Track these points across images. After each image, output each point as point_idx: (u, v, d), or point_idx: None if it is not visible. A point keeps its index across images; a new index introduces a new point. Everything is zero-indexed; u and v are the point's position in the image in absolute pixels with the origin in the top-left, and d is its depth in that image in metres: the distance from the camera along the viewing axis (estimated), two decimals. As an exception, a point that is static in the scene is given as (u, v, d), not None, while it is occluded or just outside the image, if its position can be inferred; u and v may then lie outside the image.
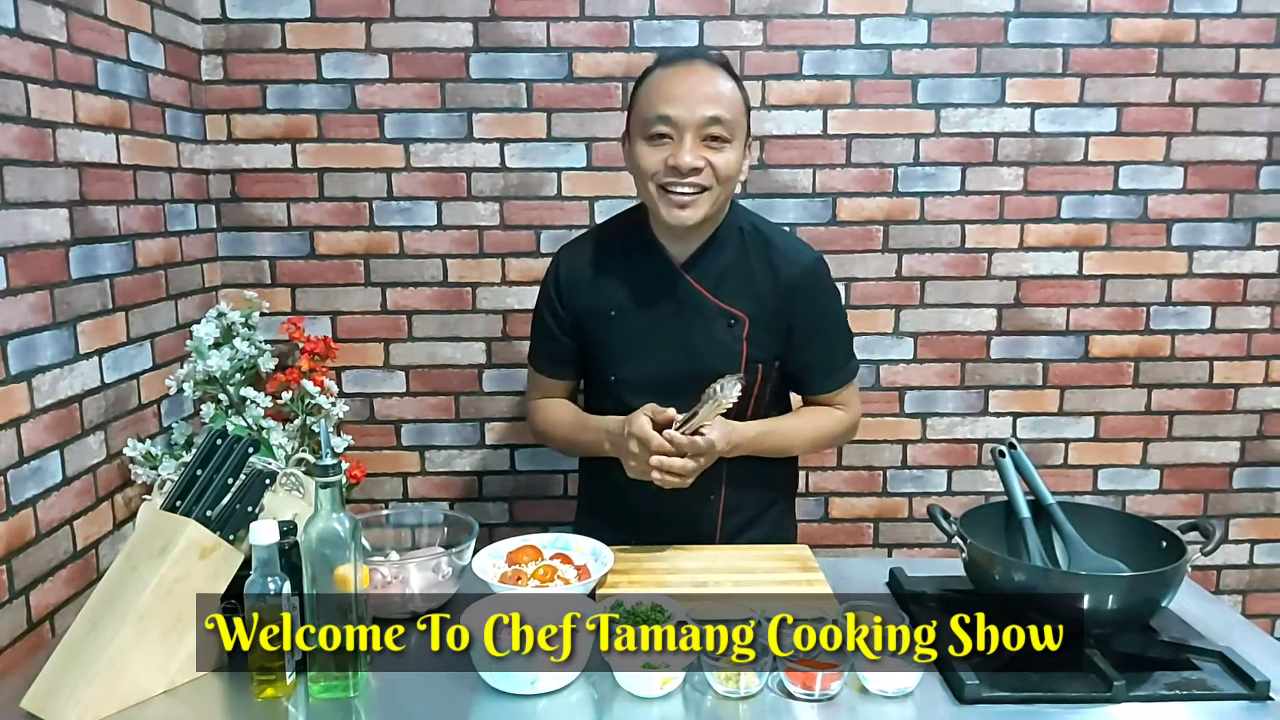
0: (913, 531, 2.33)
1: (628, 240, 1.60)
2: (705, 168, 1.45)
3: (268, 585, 1.12)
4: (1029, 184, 2.19)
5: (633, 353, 1.58)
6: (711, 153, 1.45)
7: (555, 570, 1.39)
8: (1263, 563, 2.35)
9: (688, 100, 1.44)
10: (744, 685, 1.12)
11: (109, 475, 1.66)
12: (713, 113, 1.44)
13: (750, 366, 1.56)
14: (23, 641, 1.42)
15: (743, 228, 1.59)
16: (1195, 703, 1.13)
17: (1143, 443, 2.30)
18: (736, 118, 1.47)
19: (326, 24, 2.10)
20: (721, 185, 1.47)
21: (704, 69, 1.48)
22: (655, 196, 1.48)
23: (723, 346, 1.56)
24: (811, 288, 1.59)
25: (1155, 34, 2.14)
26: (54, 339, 1.51)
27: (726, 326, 1.56)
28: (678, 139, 1.44)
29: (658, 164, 1.46)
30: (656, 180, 1.47)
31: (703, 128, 1.44)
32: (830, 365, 1.66)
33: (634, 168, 1.52)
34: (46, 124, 1.50)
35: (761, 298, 1.56)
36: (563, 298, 1.62)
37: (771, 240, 1.59)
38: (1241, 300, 2.24)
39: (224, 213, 2.15)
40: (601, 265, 1.61)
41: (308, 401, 1.91)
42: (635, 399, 1.52)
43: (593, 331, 1.61)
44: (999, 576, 1.25)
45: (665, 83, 1.46)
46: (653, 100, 1.46)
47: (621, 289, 1.58)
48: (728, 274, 1.56)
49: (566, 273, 1.62)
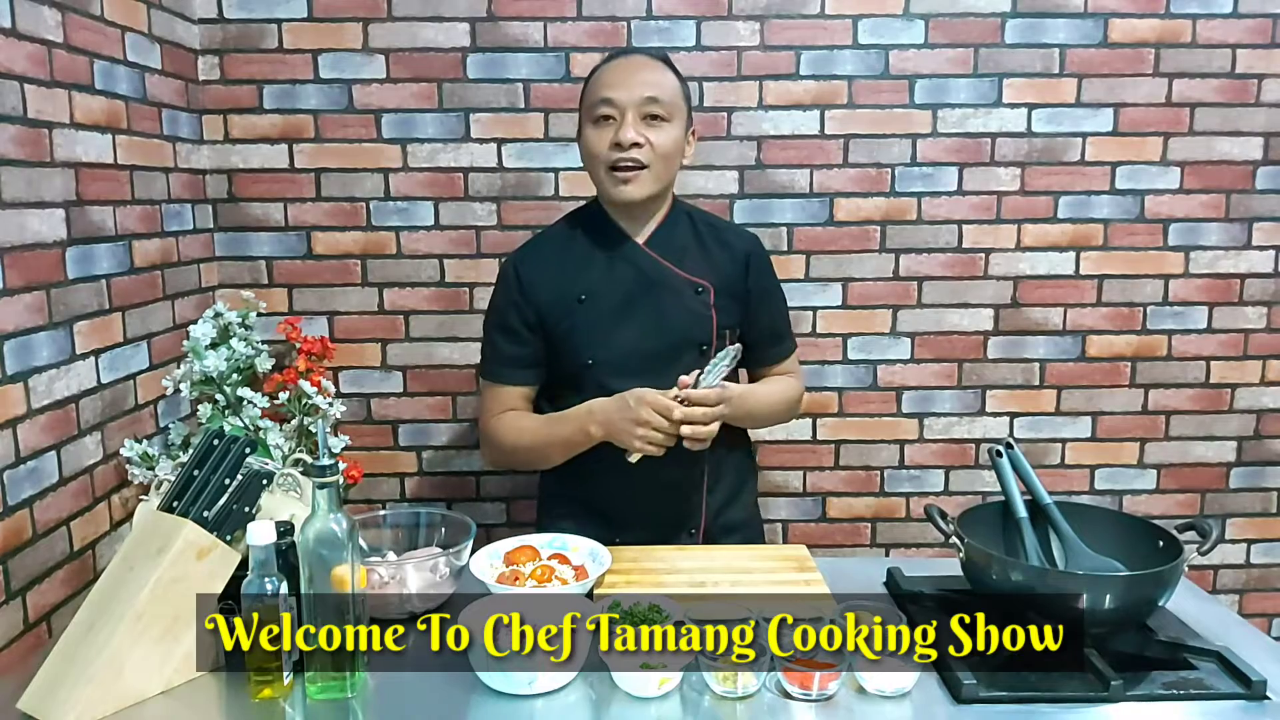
0: (910, 531, 2.33)
1: (588, 228, 1.69)
2: (645, 145, 1.56)
3: (265, 586, 1.12)
4: (1026, 184, 2.20)
5: (607, 333, 1.62)
6: (651, 130, 1.57)
7: (553, 570, 1.39)
8: (1259, 562, 2.35)
9: (627, 83, 1.57)
10: (742, 685, 1.12)
11: (106, 476, 1.66)
12: (650, 93, 1.56)
13: (720, 333, 1.65)
14: (20, 642, 1.41)
15: (689, 213, 1.72)
16: (1192, 702, 1.13)
17: (1140, 442, 2.30)
18: (674, 100, 1.59)
19: (323, 24, 2.10)
20: (662, 161, 1.58)
21: (641, 59, 1.62)
22: (604, 177, 1.59)
23: (694, 314, 1.63)
24: (761, 258, 1.73)
25: (1152, 34, 2.14)
26: (50, 339, 1.51)
27: (695, 294, 1.64)
28: (620, 119, 1.56)
29: (604, 144, 1.57)
30: (604, 160, 1.58)
31: (641, 106, 1.56)
32: (782, 332, 1.78)
33: (585, 154, 1.63)
34: (43, 124, 1.50)
35: (721, 269, 1.67)
36: (525, 294, 1.65)
37: (714, 221, 1.74)
38: (1238, 300, 2.25)
39: (221, 213, 2.15)
40: (563, 256, 1.67)
41: (305, 402, 1.91)
42: (615, 381, 1.57)
43: (562, 321, 1.63)
44: (996, 576, 1.25)
45: (607, 73, 1.61)
46: (596, 89, 1.60)
47: (588, 273, 1.64)
48: (686, 249, 1.66)
49: (526, 271, 1.67)
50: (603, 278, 1.63)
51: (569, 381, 1.66)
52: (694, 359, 1.61)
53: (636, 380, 1.55)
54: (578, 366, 1.63)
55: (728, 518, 1.71)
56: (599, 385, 1.60)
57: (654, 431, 1.48)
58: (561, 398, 1.67)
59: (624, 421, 1.50)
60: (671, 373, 1.53)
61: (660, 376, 1.54)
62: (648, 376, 1.55)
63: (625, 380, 1.56)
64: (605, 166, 1.58)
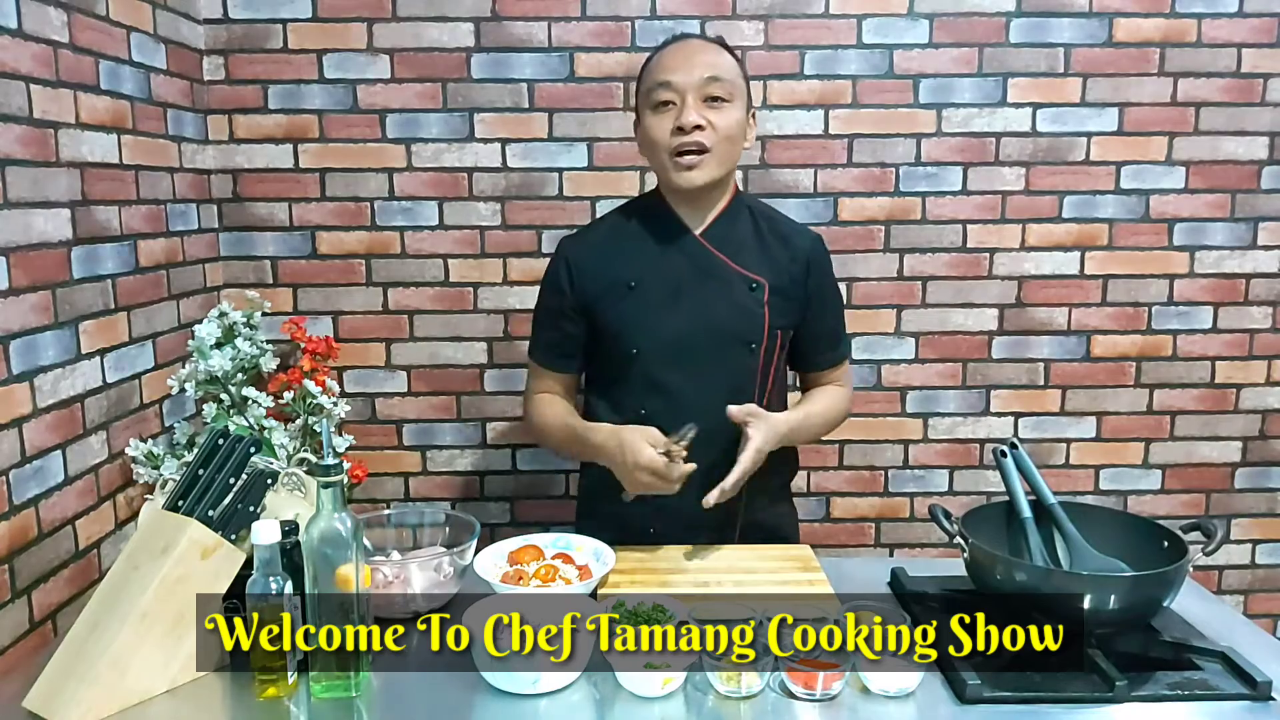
0: (914, 531, 2.32)
1: (643, 217, 1.65)
2: (708, 127, 1.51)
3: (269, 585, 1.12)
4: (1030, 184, 2.19)
5: (655, 322, 1.58)
6: (713, 113, 1.52)
7: (557, 570, 1.38)
8: (1264, 563, 2.35)
9: (686, 66, 1.52)
10: (746, 685, 1.12)
11: (111, 475, 1.67)
12: (710, 73, 1.52)
13: (771, 333, 1.60)
14: (25, 641, 1.42)
15: (750, 206, 1.66)
16: (1197, 703, 1.13)
17: (1144, 443, 2.30)
18: (734, 80, 1.55)
19: (328, 24, 2.10)
20: (726, 143, 1.53)
21: (698, 42, 1.58)
22: (667, 164, 1.54)
23: (745, 310, 1.58)
24: (823, 259, 1.67)
25: (1157, 34, 2.14)
26: (56, 339, 1.51)
27: (748, 290, 1.59)
28: (680, 102, 1.52)
29: (665, 130, 1.53)
30: (666, 147, 1.53)
31: (702, 88, 1.51)
32: (839, 335, 1.73)
33: (645, 142, 1.58)
34: (49, 124, 1.50)
35: (779, 266, 1.61)
36: (574, 281, 1.62)
37: (776, 217, 1.68)
38: (1243, 300, 2.24)
39: (226, 213, 2.15)
40: (616, 243, 1.63)
41: (309, 401, 1.91)
42: (660, 372, 1.56)
43: (611, 308, 1.60)
44: (1000, 576, 1.25)
45: (665, 58, 1.56)
46: (654, 74, 1.55)
47: (640, 261, 1.61)
48: (744, 243, 1.61)
49: (576, 257, 1.63)
50: (654, 266, 1.59)
51: (614, 371, 1.63)
52: (742, 357, 1.58)
53: (681, 373, 1.54)
54: (623, 356, 1.59)
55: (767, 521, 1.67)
56: (644, 376, 1.58)
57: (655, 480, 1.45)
58: (607, 389, 1.65)
59: (626, 477, 1.48)
60: (718, 369, 1.51)
61: (705, 371, 1.52)
62: (692, 370, 1.53)
63: (670, 372, 1.54)
64: (668, 153, 1.53)
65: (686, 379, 1.56)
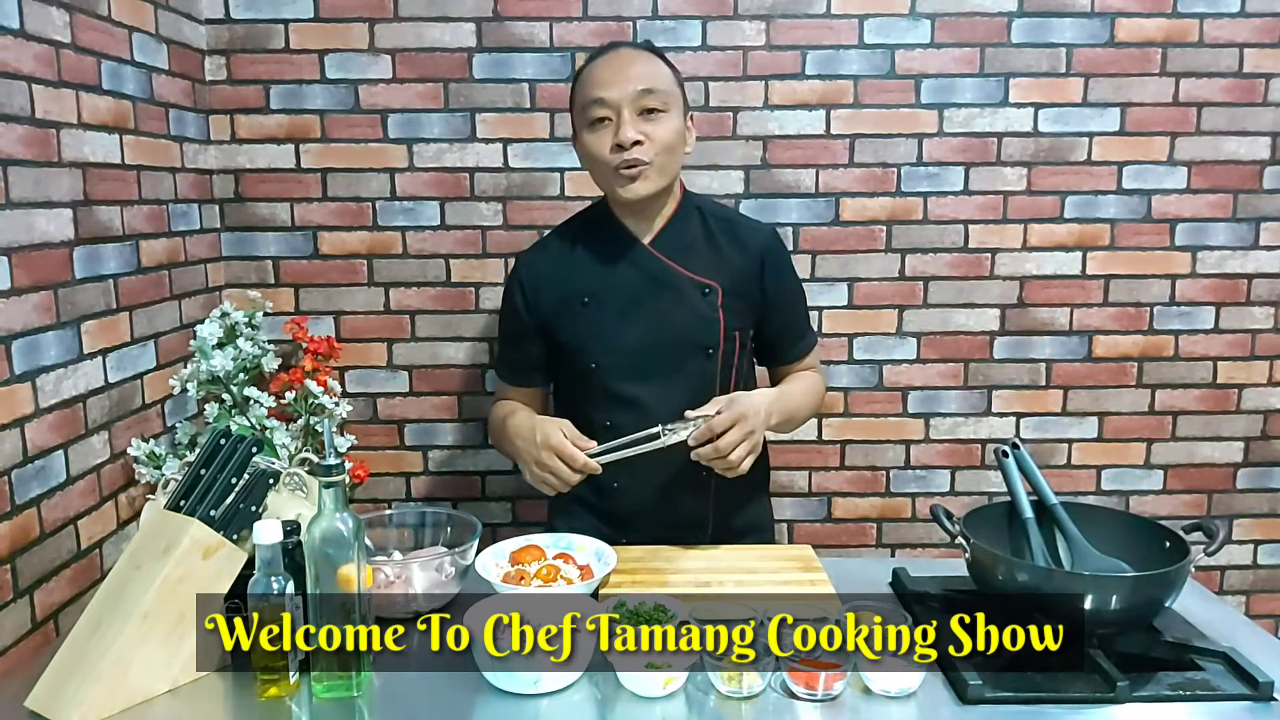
0: (916, 532, 2.32)
1: (592, 231, 1.65)
2: (646, 141, 1.51)
3: (271, 585, 1.12)
4: (1032, 184, 2.19)
5: (611, 336, 1.60)
6: (650, 125, 1.52)
7: (558, 570, 1.39)
8: (1266, 563, 2.34)
9: (619, 80, 1.51)
10: (747, 685, 1.12)
11: (113, 475, 1.67)
12: (643, 85, 1.51)
13: (729, 335, 1.61)
14: (27, 641, 1.42)
15: (700, 207, 1.66)
16: (1199, 703, 1.13)
17: (1146, 443, 2.29)
18: (669, 89, 1.54)
19: (330, 24, 2.10)
20: (666, 154, 1.53)
21: (629, 52, 1.56)
22: (610, 178, 1.55)
23: (700, 316, 1.59)
24: (778, 253, 1.67)
25: (1159, 34, 2.13)
26: (58, 339, 1.51)
27: (701, 295, 1.59)
28: (616, 118, 1.51)
29: (604, 148, 1.53)
30: (607, 164, 1.53)
31: (636, 101, 1.51)
32: (802, 329, 1.74)
33: (586, 159, 1.59)
34: (50, 124, 1.50)
35: (733, 267, 1.62)
36: (528, 298, 1.64)
37: (729, 217, 1.68)
38: (1245, 300, 2.24)
39: (227, 213, 2.16)
40: (567, 258, 1.64)
41: (311, 401, 1.91)
42: (620, 385, 1.58)
43: (566, 325, 1.62)
44: (1002, 577, 1.25)
45: (596, 72, 1.55)
46: (587, 89, 1.54)
47: (591, 276, 1.62)
48: (694, 248, 1.62)
49: (529, 274, 1.65)
50: (606, 280, 1.61)
51: (576, 386, 1.66)
52: (700, 363, 1.60)
53: (642, 384, 1.55)
54: (582, 370, 1.62)
55: (738, 521, 1.69)
56: (605, 389, 1.60)
57: (550, 475, 1.48)
58: (572, 404, 1.67)
59: (529, 455, 1.51)
60: (677, 377, 1.52)
61: (666, 380, 1.54)
62: (653, 380, 1.55)
63: (631, 384, 1.56)
64: (609, 169, 1.54)
65: (648, 389, 1.57)
